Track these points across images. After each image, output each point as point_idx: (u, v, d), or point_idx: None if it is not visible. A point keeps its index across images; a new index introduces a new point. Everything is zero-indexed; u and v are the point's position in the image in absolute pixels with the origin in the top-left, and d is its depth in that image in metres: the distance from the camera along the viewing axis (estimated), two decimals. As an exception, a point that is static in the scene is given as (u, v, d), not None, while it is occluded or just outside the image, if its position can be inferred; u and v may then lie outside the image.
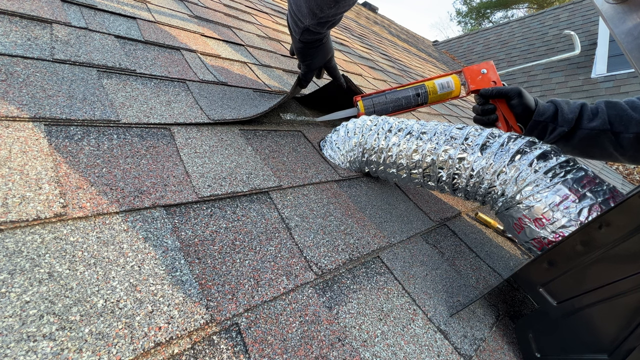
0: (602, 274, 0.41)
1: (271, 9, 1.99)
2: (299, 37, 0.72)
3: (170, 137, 0.57)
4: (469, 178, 0.58)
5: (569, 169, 0.51)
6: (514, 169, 0.53)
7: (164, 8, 1.08)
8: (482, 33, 7.22)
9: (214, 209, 0.49)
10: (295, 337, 0.38)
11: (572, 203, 0.48)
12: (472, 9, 17.46)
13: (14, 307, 0.28)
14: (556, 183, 0.50)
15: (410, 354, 0.44)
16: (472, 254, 0.72)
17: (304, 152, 0.75)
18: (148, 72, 0.71)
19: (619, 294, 0.40)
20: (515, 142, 0.55)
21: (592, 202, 0.48)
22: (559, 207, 0.49)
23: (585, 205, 0.48)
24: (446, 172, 0.60)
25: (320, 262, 0.49)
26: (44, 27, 0.65)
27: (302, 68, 0.81)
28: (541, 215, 0.50)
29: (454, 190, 0.62)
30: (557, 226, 0.49)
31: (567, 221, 0.48)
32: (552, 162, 0.51)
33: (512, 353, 0.53)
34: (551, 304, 0.47)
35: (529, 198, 0.51)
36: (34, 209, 0.35)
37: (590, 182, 0.49)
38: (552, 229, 0.50)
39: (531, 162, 0.52)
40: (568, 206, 0.48)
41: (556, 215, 0.49)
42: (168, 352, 0.31)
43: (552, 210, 0.49)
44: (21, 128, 0.44)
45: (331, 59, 0.83)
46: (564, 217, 0.48)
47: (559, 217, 0.49)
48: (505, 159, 0.54)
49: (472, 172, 0.57)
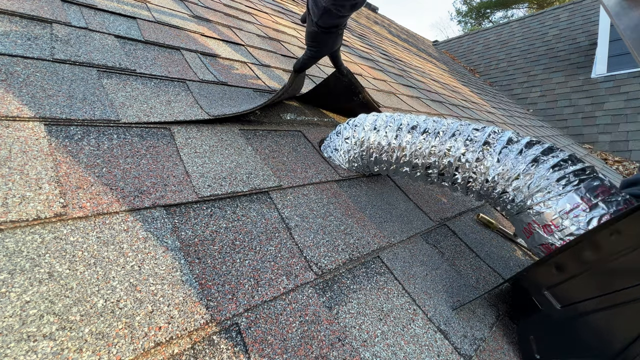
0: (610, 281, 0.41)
1: (271, 9, 1.99)
2: (316, 20, 0.68)
3: (170, 137, 0.57)
4: (483, 182, 0.57)
5: (584, 178, 0.50)
6: (528, 176, 0.53)
7: (164, 8, 1.08)
8: (482, 33, 7.22)
9: (214, 209, 0.49)
10: (295, 337, 0.38)
11: (582, 212, 0.48)
12: (472, 9, 17.46)
13: (14, 307, 0.28)
14: (568, 191, 0.49)
15: (410, 354, 0.44)
16: (472, 254, 0.72)
17: (304, 152, 0.75)
18: (148, 72, 0.71)
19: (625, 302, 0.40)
20: (533, 149, 0.55)
21: (603, 212, 0.47)
22: (569, 215, 0.49)
23: (595, 215, 0.47)
24: (462, 175, 0.59)
25: (320, 262, 0.49)
26: (44, 27, 0.65)
27: (307, 53, 0.77)
28: (550, 222, 0.50)
29: (467, 192, 0.62)
30: (565, 234, 0.49)
31: (576, 229, 0.48)
32: (566, 170, 0.51)
33: (512, 353, 0.53)
34: (555, 307, 0.47)
35: (540, 204, 0.51)
36: (34, 208, 0.35)
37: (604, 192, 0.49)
38: (560, 236, 0.50)
39: (546, 169, 0.52)
40: (578, 214, 0.48)
41: (565, 223, 0.49)
42: (168, 352, 0.31)
43: (561, 217, 0.49)
44: (21, 128, 0.44)
45: (338, 49, 0.81)
46: (573, 225, 0.48)
47: (568, 225, 0.49)
48: (521, 166, 0.54)
49: (487, 177, 0.57)
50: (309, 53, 0.76)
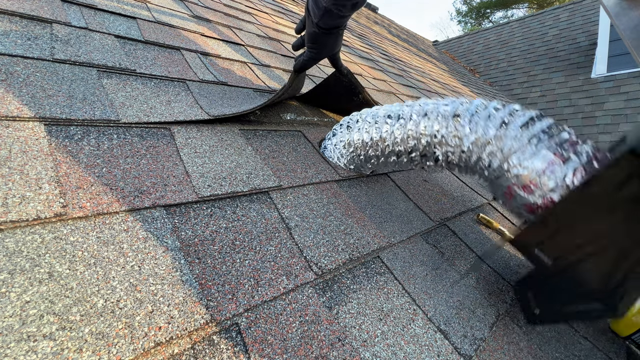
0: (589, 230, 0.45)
1: (271, 9, 1.99)
2: (317, 21, 0.67)
3: (170, 137, 0.57)
4: (460, 154, 0.59)
5: (552, 134, 0.52)
6: (500, 140, 0.54)
7: (164, 8, 1.08)
8: (482, 33, 7.21)
9: (214, 209, 0.49)
10: (295, 337, 0.38)
11: (558, 167, 0.50)
12: (472, 9, 17.47)
13: (14, 307, 0.28)
14: (541, 149, 0.51)
15: (410, 354, 0.44)
16: (472, 254, 0.72)
17: (304, 152, 0.75)
18: (148, 72, 0.71)
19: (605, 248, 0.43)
20: (500, 112, 0.56)
21: (575, 165, 0.49)
22: (545, 173, 0.50)
23: (570, 168, 0.49)
24: (441, 151, 0.61)
25: (320, 262, 0.49)
26: (44, 27, 0.65)
27: (307, 55, 0.76)
28: (529, 182, 0.52)
29: (449, 167, 0.64)
30: (545, 191, 0.50)
31: (554, 185, 0.50)
32: (535, 129, 0.53)
33: (512, 353, 0.53)
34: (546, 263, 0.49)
35: (516, 167, 0.53)
36: (34, 208, 0.35)
37: (573, 144, 0.51)
38: (541, 194, 0.51)
39: (516, 130, 0.53)
40: (554, 170, 0.50)
41: (543, 181, 0.50)
42: (168, 352, 0.31)
43: (538, 176, 0.51)
44: (21, 128, 0.44)
45: (338, 51, 0.81)
46: (551, 181, 0.50)
47: (546, 182, 0.50)
48: (492, 131, 0.55)
49: (463, 148, 0.58)
50: (309, 54, 0.76)
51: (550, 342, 0.60)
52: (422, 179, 0.93)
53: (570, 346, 0.62)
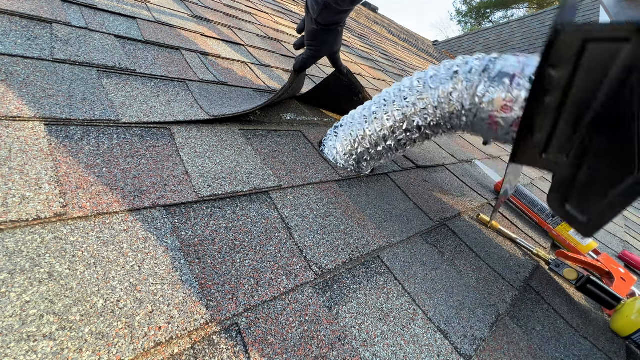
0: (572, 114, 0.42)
1: (271, 9, 1.99)
2: (316, 17, 0.67)
3: (170, 137, 0.57)
4: (435, 114, 0.63)
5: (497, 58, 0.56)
6: (459, 82, 0.58)
7: (164, 8, 1.08)
8: (482, 33, 7.21)
9: (214, 209, 0.49)
10: (295, 337, 0.38)
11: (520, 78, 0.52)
12: (472, 9, 17.47)
13: (14, 307, 0.28)
14: (500, 69, 0.54)
15: (410, 354, 0.44)
16: (472, 254, 0.72)
17: (304, 152, 0.75)
18: (148, 72, 0.71)
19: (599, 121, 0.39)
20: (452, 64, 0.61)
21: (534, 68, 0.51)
22: (513, 86, 0.52)
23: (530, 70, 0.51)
24: (419, 117, 0.64)
25: (320, 262, 0.49)
26: (44, 27, 0.65)
27: (307, 53, 0.76)
28: (504, 102, 0.53)
29: (434, 130, 0.66)
30: (521, 102, 0.52)
31: (526, 94, 0.51)
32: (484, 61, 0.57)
33: (512, 353, 0.53)
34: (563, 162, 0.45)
35: (485, 95, 0.55)
36: (34, 208, 0.35)
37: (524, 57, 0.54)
38: (520, 106, 0.52)
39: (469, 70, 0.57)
40: (519, 82, 0.52)
41: (515, 94, 0.52)
42: (168, 352, 0.31)
43: (509, 92, 0.52)
44: (21, 128, 0.44)
45: (338, 51, 0.81)
46: (522, 91, 0.51)
47: (519, 93, 0.52)
48: (449, 82, 0.60)
49: (435, 105, 0.62)
50: (308, 52, 0.76)
51: (550, 342, 0.60)
52: (422, 179, 0.93)
53: (570, 346, 0.62)
